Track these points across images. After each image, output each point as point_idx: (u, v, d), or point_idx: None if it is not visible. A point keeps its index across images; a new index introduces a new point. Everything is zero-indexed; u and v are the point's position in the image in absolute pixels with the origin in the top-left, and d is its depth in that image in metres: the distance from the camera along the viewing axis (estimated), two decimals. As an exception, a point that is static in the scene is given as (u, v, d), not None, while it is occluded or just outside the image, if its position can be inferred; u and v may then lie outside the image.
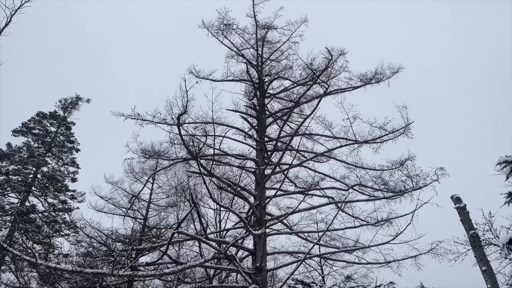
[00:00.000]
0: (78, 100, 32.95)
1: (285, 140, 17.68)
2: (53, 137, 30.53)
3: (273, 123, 18.31)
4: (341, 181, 16.64)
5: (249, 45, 18.93)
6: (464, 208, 13.66)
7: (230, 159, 17.41)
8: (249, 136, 17.68)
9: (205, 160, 16.26)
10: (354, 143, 16.56)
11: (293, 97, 18.81)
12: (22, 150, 28.84)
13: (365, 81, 17.07)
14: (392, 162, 16.15)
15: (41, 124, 30.71)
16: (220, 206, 20.30)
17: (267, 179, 15.86)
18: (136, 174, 22.24)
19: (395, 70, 16.83)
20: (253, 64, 18.56)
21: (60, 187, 28.96)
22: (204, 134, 15.95)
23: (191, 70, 17.92)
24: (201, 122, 16.48)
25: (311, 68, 16.78)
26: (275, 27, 18.79)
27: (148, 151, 16.67)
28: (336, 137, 17.00)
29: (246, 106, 18.69)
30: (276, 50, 19.20)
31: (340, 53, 16.78)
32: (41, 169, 28.93)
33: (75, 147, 31.30)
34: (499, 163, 10.70)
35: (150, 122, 15.75)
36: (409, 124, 15.83)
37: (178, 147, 16.30)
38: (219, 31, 18.32)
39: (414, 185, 15.43)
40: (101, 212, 21.35)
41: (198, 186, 21.40)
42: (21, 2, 12.35)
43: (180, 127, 12.53)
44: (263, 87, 18.29)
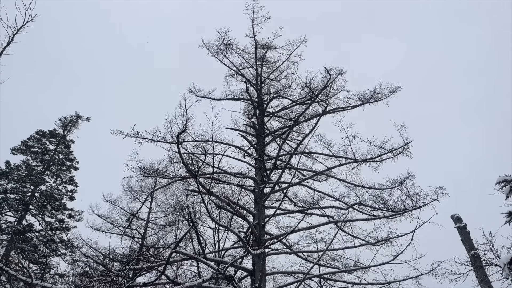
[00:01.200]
0: (78, 118, 33.04)
1: (284, 159, 17.67)
2: (52, 155, 30.49)
3: (272, 142, 18.33)
4: (340, 200, 16.55)
5: (248, 64, 19.13)
6: (464, 227, 13.55)
7: (229, 178, 17.35)
8: (249, 155, 17.68)
9: (204, 178, 16.21)
10: (353, 162, 16.55)
11: (292, 116, 18.89)
12: (20, 168, 28.75)
13: (364, 100, 17.20)
14: (392, 181, 16.11)
15: (41, 142, 30.71)
16: (218, 225, 20.11)
17: (266, 198, 15.78)
18: (134, 193, 22.15)
19: (393, 90, 16.99)
20: (253, 83, 18.71)
21: (58, 205, 28.76)
22: (203, 153, 15.94)
23: (191, 89, 18.05)
24: (201, 140, 16.49)
25: (310, 87, 16.91)
26: (274, 47, 19.03)
27: (147, 170, 16.62)
28: (335, 155, 17.00)
29: (246, 125, 18.76)
30: (275, 70, 19.38)
31: (338, 73, 16.97)
32: (39, 187, 28.78)
33: (74, 165, 31.22)
34: (498, 182, 10.67)
35: (150, 141, 15.77)
36: (408, 143, 15.86)
37: (177, 165, 16.26)
38: (219, 51, 18.54)
39: (414, 204, 15.34)
40: (98, 231, 21.17)
41: (197, 205, 21.26)
42: (23, 22, 12.52)
43: (179, 145, 12.54)
44: (262, 105, 18.39)
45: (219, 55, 18.64)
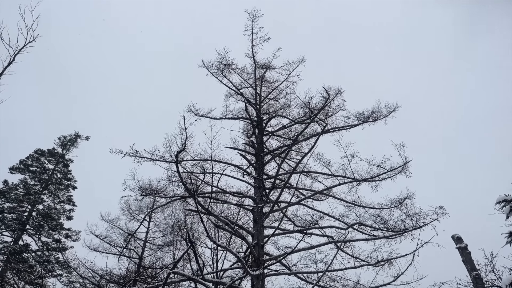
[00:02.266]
0: (77, 137, 33.08)
1: (284, 178, 17.61)
2: (50, 175, 30.38)
3: (271, 161, 18.32)
4: (340, 219, 16.43)
5: (247, 84, 19.28)
6: (465, 248, 13.39)
7: (228, 197, 17.26)
8: (248, 174, 17.63)
9: (202, 197, 16.12)
10: (352, 181, 16.49)
11: (291, 135, 18.94)
12: (18, 188, 28.60)
13: (362, 119, 17.27)
14: (391, 200, 16.03)
15: (39, 161, 30.65)
16: (217, 245, 19.93)
17: (265, 218, 15.66)
18: (132, 212, 21.99)
19: (391, 109, 17.08)
20: (252, 102, 18.82)
21: (55, 225, 28.50)
22: (202, 172, 15.90)
23: (190, 108, 18.13)
24: (200, 159, 16.47)
25: (309, 106, 17.01)
26: (273, 67, 19.21)
27: (146, 189, 16.54)
28: (335, 175, 16.96)
29: (245, 144, 18.78)
30: (274, 89, 19.52)
31: (337, 92, 17.09)
32: (36, 206, 28.58)
33: (72, 184, 31.09)
34: (498, 202, 10.62)
35: (148, 160, 15.74)
36: (407, 162, 15.85)
37: (176, 184, 16.19)
38: (218, 71, 18.72)
39: (414, 224, 15.22)
40: (95, 251, 20.90)
41: (195, 225, 21.11)
42: (25, 42, 12.68)
43: (178, 164, 12.53)
44: (262, 125, 18.45)
45: (219, 75, 18.81)
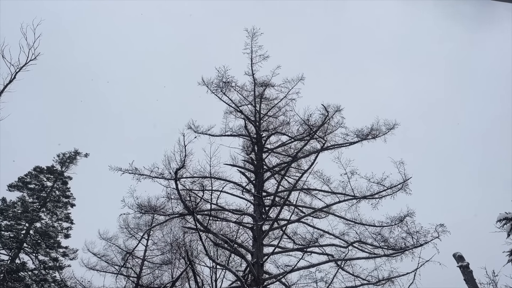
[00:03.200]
0: (76, 154, 33.03)
1: (283, 195, 17.54)
2: (48, 192, 30.23)
3: (271, 178, 18.27)
4: (340, 237, 16.29)
5: (247, 101, 19.38)
6: (467, 266, 13.25)
7: (227, 215, 17.15)
8: (247, 191, 17.56)
9: (201, 215, 16.01)
10: (352, 199, 16.42)
11: (290, 152, 18.94)
12: (16, 205, 28.41)
13: (362, 137, 17.31)
14: (392, 218, 15.93)
15: (38, 178, 30.53)
16: (216, 264, 19.66)
17: (265, 236, 15.52)
18: (131, 230, 21.82)
19: (390, 127, 17.14)
20: (251, 119, 18.88)
21: (53, 243, 28.20)
22: (201, 189, 15.83)
23: (190, 125, 18.17)
24: (199, 176, 16.42)
25: (308, 124, 17.07)
26: (272, 84, 19.36)
27: (144, 206, 16.45)
28: (335, 192, 16.90)
29: (244, 161, 18.75)
30: (273, 107, 19.62)
31: (336, 110, 17.18)
32: (34, 224, 28.33)
33: (71, 202, 30.90)
34: (499, 220, 10.57)
35: (148, 177, 15.69)
36: (406, 179, 15.82)
37: (175, 202, 16.13)
38: (218, 88, 18.84)
39: (415, 242, 15.09)
40: (93, 270, 20.67)
41: (194, 243, 20.87)
42: (26, 60, 12.79)
43: (178, 181, 12.49)
44: (261, 142, 18.47)
45: (218, 93, 18.94)
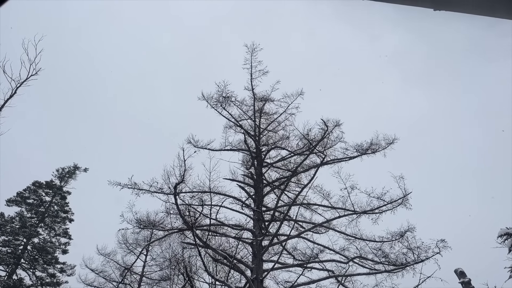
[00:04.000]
0: (76, 169, 32.97)
1: (283, 210, 17.45)
2: (47, 207, 30.07)
3: (270, 192, 18.21)
4: (340, 253, 16.16)
5: (247, 116, 19.44)
6: (469, 283, 13.09)
7: (226, 230, 17.03)
8: (246, 206, 17.48)
9: (200, 230, 15.89)
10: (352, 214, 16.35)
11: (290, 167, 18.91)
12: (14, 221, 28.23)
13: (361, 151, 17.32)
14: (392, 233, 15.83)
15: (36, 193, 30.41)
16: (215, 280, 19.45)
17: (265, 251, 15.38)
18: (129, 246, 21.63)
19: (390, 141, 17.18)
20: (251, 134, 18.91)
21: (50, 259, 27.93)
22: (201, 204, 15.75)
23: (190, 140, 18.17)
24: (198, 191, 16.36)
25: (308, 138, 17.09)
26: (272, 99, 19.45)
27: (143, 221, 16.37)
28: (335, 207, 16.83)
29: (244, 175, 18.71)
30: (273, 121, 19.68)
31: (335, 124, 17.22)
32: (32, 240, 28.11)
33: (69, 217, 30.72)
34: (500, 235, 10.47)
35: (147, 192, 15.65)
36: (406, 194, 15.78)
37: (174, 217, 16.03)
38: (218, 103, 18.93)
39: (416, 258, 14.96)
40: (91, 286, 20.46)
41: (193, 258, 20.67)
42: (27, 75, 12.88)
43: (177, 196, 12.44)
44: (261, 156, 18.46)
45: (218, 107, 19.01)
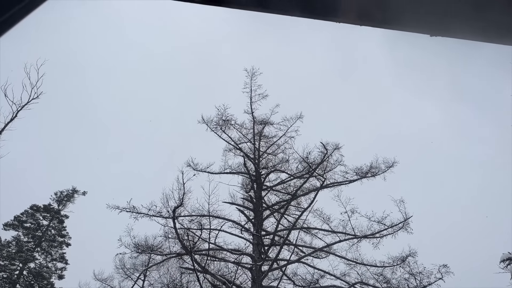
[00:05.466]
0: (74, 193, 32.73)
1: (283, 234, 17.27)
2: (44, 231, 29.73)
3: (270, 216, 18.07)
4: (341, 278, 15.90)
5: (246, 139, 19.51)
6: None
7: (225, 254, 16.80)
8: (246, 230, 17.31)
9: (199, 255, 15.68)
10: (353, 238, 16.19)
11: (290, 190, 18.84)
12: (11, 245, 27.87)
13: (361, 175, 17.32)
14: (393, 258, 15.65)
15: (34, 217, 30.12)
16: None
17: (264, 276, 15.14)
18: (127, 271, 21.19)
19: (390, 165, 17.20)
20: (250, 157, 18.91)
21: (46, 284, 27.44)
22: (200, 228, 15.61)
23: (189, 163, 18.16)
24: (197, 215, 16.23)
25: (307, 161, 17.09)
26: (271, 122, 19.57)
27: (141, 246, 16.18)
28: (335, 231, 16.68)
29: (243, 199, 18.60)
30: (272, 144, 19.72)
31: (335, 148, 17.27)
32: (28, 265, 27.68)
33: (66, 241, 30.32)
34: (503, 260, 10.37)
35: (145, 215, 15.55)
36: (407, 218, 15.69)
37: (172, 241, 15.86)
38: (217, 126, 19.03)
39: (418, 284, 14.75)
40: (86, 312, 19.95)
41: (191, 284, 20.26)
42: (28, 99, 12.99)
43: (175, 220, 12.33)
44: (260, 179, 18.40)
45: (218, 131, 19.10)
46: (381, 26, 1.67)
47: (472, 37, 1.63)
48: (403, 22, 1.61)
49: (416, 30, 1.66)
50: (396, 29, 1.66)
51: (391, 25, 1.67)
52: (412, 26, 1.65)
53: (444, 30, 1.63)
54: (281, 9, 1.67)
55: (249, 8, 1.67)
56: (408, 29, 1.64)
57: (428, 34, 1.66)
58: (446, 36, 1.62)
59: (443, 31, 1.63)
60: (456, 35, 1.60)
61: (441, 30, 1.64)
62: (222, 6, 1.68)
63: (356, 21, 1.65)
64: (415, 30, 1.65)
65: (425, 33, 1.68)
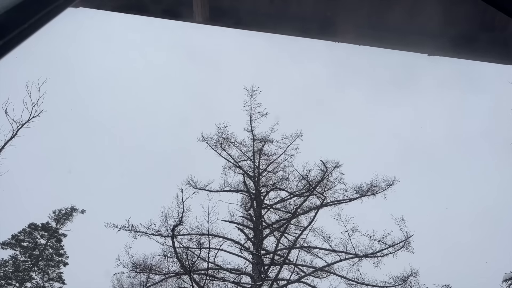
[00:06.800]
0: (73, 211, 32.50)
1: (283, 253, 17.10)
2: (41, 250, 29.43)
3: (270, 235, 17.92)
4: (342, 299, 15.68)
5: (246, 157, 19.52)
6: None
7: (224, 274, 16.59)
8: (245, 249, 17.14)
9: (198, 274, 15.49)
10: (354, 257, 16.03)
11: (290, 208, 18.74)
12: (8, 264, 27.55)
13: (361, 193, 17.28)
14: (395, 278, 15.47)
15: (32, 236, 29.85)
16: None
17: (264, 297, 14.93)
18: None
19: (390, 183, 17.16)
20: (250, 175, 18.88)
21: (42, 305, 27.02)
22: (199, 247, 15.46)
23: (189, 181, 18.10)
24: (196, 234, 16.10)
25: (307, 179, 17.06)
26: (271, 140, 19.62)
27: (140, 265, 15.98)
28: (336, 250, 16.53)
29: (243, 217, 18.48)
30: (272, 162, 19.73)
31: (335, 166, 17.27)
32: (24, 285, 27.30)
33: (63, 260, 29.97)
34: (505, 280, 10.25)
35: (144, 234, 15.44)
36: (408, 237, 15.59)
37: (171, 260, 15.69)
38: (217, 144, 19.06)
39: (421, 303, 14.53)
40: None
41: (190, 304, 19.99)
42: (29, 117, 13.04)
43: (174, 239, 12.23)
44: (260, 197, 18.32)
45: (218, 148, 19.12)
46: (382, 46, 1.70)
47: (469, 56, 1.65)
48: (401, 42, 1.64)
49: (414, 50, 1.68)
50: (393, 49, 1.68)
51: (388, 45, 1.70)
52: (410, 46, 1.67)
53: (442, 50, 1.66)
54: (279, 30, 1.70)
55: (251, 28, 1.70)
56: (407, 49, 1.67)
57: (426, 54, 1.69)
58: (443, 56, 1.65)
59: (441, 51, 1.66)
60: (454, 54, 1.63)
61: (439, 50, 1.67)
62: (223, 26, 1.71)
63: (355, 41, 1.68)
64: (413, 49, 1.68)
65: (423, 52, 1.70)
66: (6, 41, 0.80)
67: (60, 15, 0.98)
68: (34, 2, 0.87)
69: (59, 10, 0.97)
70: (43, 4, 0.90)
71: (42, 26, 0.89)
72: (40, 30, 0.89)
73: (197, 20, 1.71)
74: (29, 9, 0.85)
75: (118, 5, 2.34)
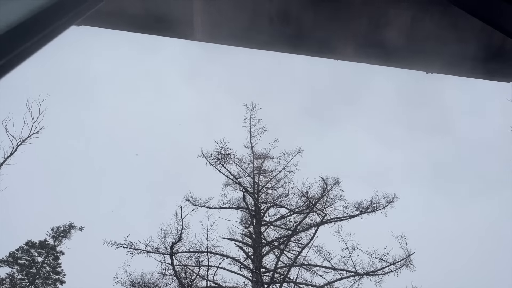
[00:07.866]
0: (71, 228, 32.26)
1: (283, 271, 16.89)
2: (39, 268, 29.08)
3: (269, 252, 17.73)
4: (343, 318, 15.44)
5: (246, 173, 19.47)
6: None
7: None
8: (245, 267, 16.93)
9: (197, 293, 15.29)
10: (354, 275, 15.85)
11: (289, 225, 18.60)
12: (4, 282, 27.18)
13: (361, 210, 17.19)
14: (397, 296, 15.24)
15: (29, 253, 29.55)
16: None
17: (264, 316, 14.69)
18: (122, 310, 20.59)
19: (390, 200, 17.09)
20: (250, 192, 18.80)
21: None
22: (198, 265, 15.29)
23: (188, 198, 18.00)
24: (195, 251, 15.94)
25: (307, 196, 16.99)
26: (271, 157, 19.62)
27: (138, 283, 15.75)
28: (336, 268, 16.35)
29: (242, 234, 18.32)
30: (272, 179, 19.66)
31: (335, 182, 17.23)
32: (20, 303, 26.90)
33: (60, 278, 29.61)
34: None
35: (143, 251, 15.28)
36: (409, 255, 15.45)
37: (170, 278, 15.47)
38: (217, 161, 19.04)
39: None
40: None
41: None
42: (29, 133, 13.06)
43: (173, 256, 12.11)
44: (260, 214, 18.20)
45: (217, 165, 19.10)
46: (381, 64, 1.72)
47: (467, 74, 1.67)
48: (400, 59, 1.66)
49: (413, 68, 1.70)
50: (393, 66, 1.70)
51: (387, 63, 1.72)
52: (409, 64, 1.69)
53: (440, 67, 1.67)
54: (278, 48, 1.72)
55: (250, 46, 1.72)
56: (405, 66, 1.69)
57: (425, 71, 1.71)
58: (441, 73, 1.67)
59: (439, 69, 1.68)
60: (452, 72, 1.65)
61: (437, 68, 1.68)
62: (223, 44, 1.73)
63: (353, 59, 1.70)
64: (411, 67, 1.70)
65: (421, 70, 1.72)
66: (8, 59, 0.81)
67: (63, 33, 1.00)
68: (37, 20, 0.88)
69: (62, 28, 0.98)
70: (46, 23, 0.91)
71: (45, 44, 0.90)
72: (43, 48, 0.90)
73: (197, 38, 1.73)
74: (33, 27, 0.86)
75: (119, 24, 2.37)
